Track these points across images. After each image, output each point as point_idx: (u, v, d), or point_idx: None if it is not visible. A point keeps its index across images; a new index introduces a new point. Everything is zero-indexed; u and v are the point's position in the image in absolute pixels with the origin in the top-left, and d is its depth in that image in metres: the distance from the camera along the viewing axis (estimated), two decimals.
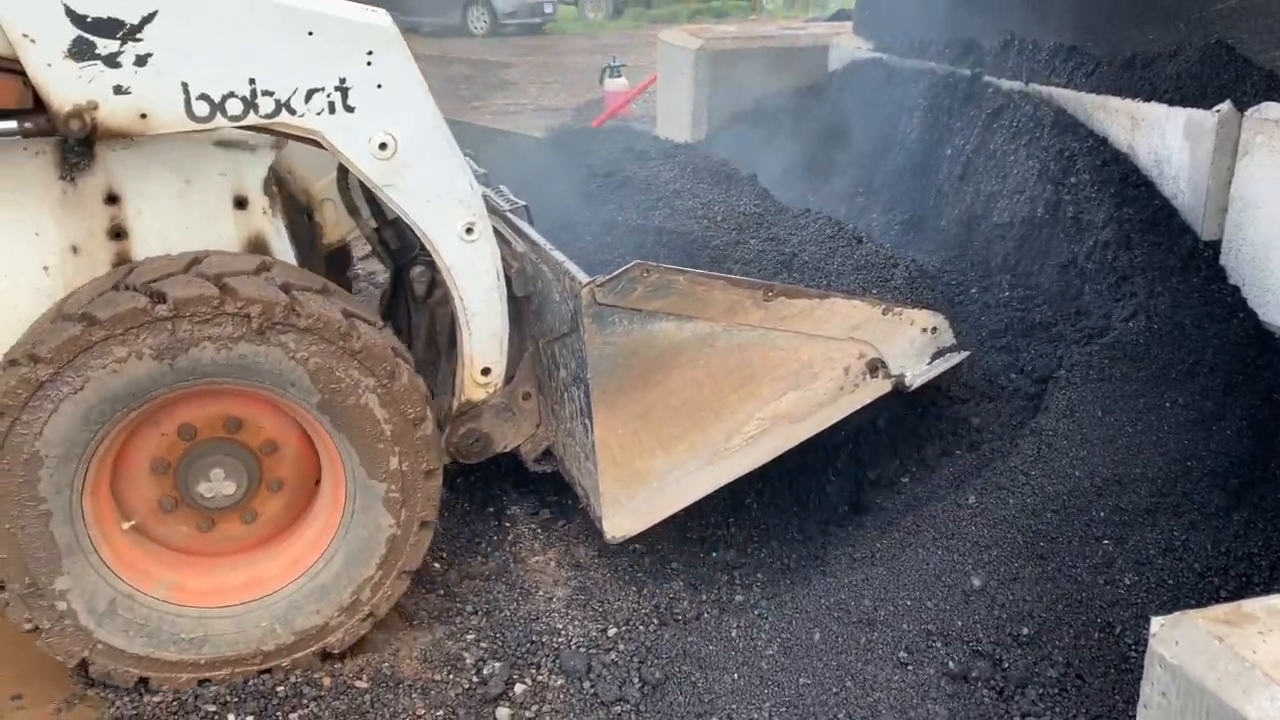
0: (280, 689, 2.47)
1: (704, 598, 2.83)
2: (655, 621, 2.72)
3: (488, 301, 2.68)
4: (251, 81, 2.35)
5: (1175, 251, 3.15)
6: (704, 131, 5.46)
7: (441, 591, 2.85)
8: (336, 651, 2.56)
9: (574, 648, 2.62)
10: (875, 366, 2.76)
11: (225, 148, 2.55)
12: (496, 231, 2.80)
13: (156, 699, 2.43)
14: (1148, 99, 3.43)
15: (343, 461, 2.43)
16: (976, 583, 2.57)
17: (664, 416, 2.62)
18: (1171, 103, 3.33)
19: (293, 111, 2.39)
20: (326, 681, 2.50)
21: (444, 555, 2.99)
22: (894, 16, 4.94)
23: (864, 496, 3.09)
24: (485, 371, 2.78)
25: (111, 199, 2.49)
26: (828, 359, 2.71)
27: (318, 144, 2.48)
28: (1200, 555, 2.59)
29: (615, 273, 2.44)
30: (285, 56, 2.36)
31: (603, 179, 3.72)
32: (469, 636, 2.68)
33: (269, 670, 2.51)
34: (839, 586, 2.68)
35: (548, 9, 23.90)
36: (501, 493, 3.27)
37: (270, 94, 2.37)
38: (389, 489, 2.46)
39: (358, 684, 2.51)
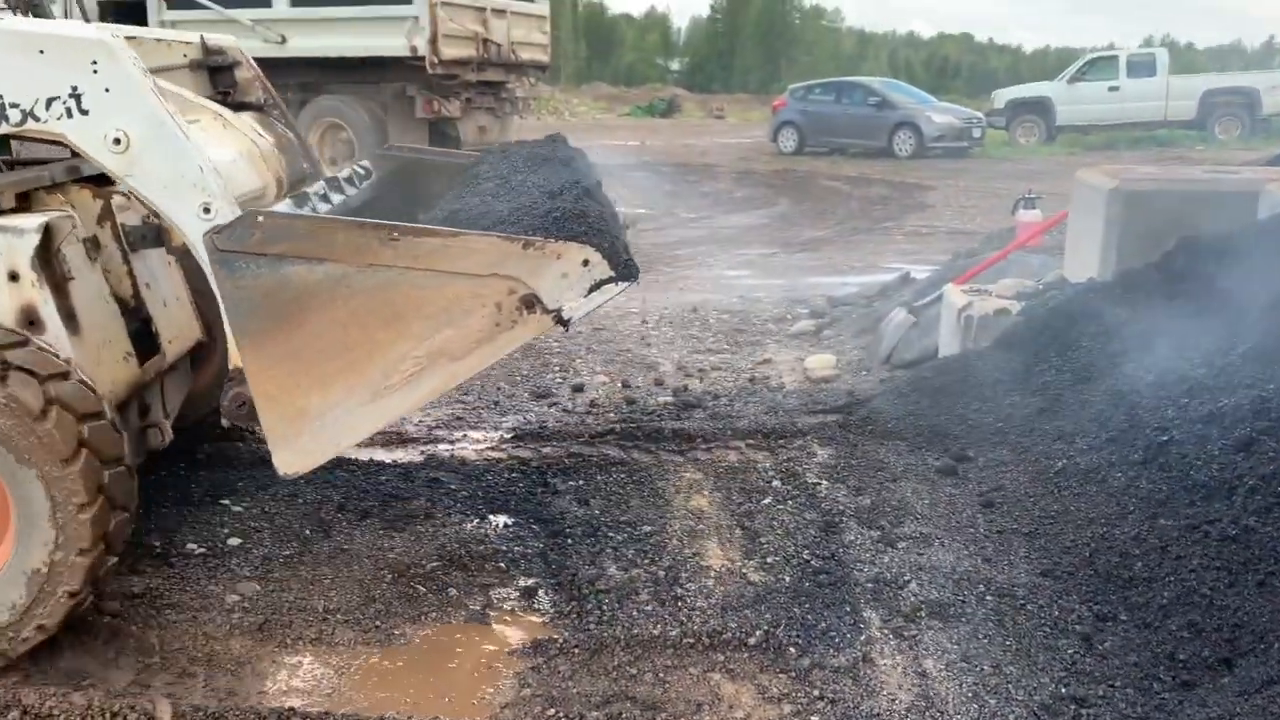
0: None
1: None
2: None
3: None
4: (1, 97, 2.90)
5: None
6: (1110, 270, 5.41)
7: (793, 674, 3.14)
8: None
9: None
10: (530, 302, 2.74)
11: None
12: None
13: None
14: None
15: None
16: None
17: (315, 357, 2.75)
18: None
19: (37, 119, 2.89)
20: None
21: (799, 641, 3.28)
22: None
23: (1232, 658, 2.98)
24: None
25: None
26: (476, 296, 2.72)
27: (64, 145, 2.96)
28: None
29: (229, 220, 2.71)
30: (25, 73, 2.86)
31: (476, 181, 3.93)
32: (814, 718, 2.95)
33: None
34: None
35: (976, 133, 23.96)
36: (861, 594, 3.52)
37: (17, 105, 2.90)
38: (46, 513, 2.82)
39: None
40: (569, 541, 3.91)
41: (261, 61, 16.33)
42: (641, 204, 15.53)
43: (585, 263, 2.73)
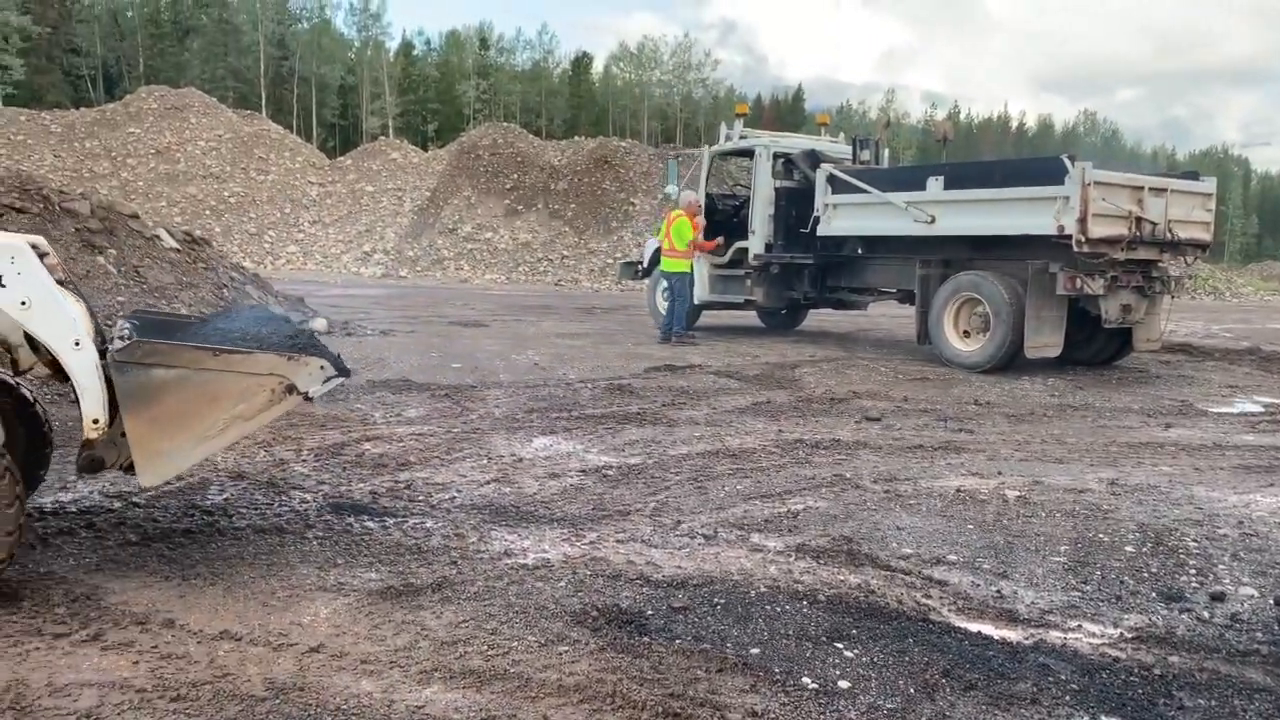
0: None
1: None
2: None
3: (91, 381, 4.51)
4: None
5: None
6: None
7: None
8: None
9: None
10: (290, 389, 4.66)
11: None
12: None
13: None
14: None
15: None
16: None
17: (167, 420, 4.46)
18: None
19: None
20: None
21: None
22: None
23: None
24: (95, 421, 4.53)
25: None
26: (260, 384, 4.61)
27: None
28: None
29: (123, 345, 4.45)
30: None
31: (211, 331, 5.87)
32: None
33: None
34: None
35: None
36: None
37: None
38: None
39: None
40: None
41: (908, 240, 17.47)
42: None
43: (322, 367, 4.74)
